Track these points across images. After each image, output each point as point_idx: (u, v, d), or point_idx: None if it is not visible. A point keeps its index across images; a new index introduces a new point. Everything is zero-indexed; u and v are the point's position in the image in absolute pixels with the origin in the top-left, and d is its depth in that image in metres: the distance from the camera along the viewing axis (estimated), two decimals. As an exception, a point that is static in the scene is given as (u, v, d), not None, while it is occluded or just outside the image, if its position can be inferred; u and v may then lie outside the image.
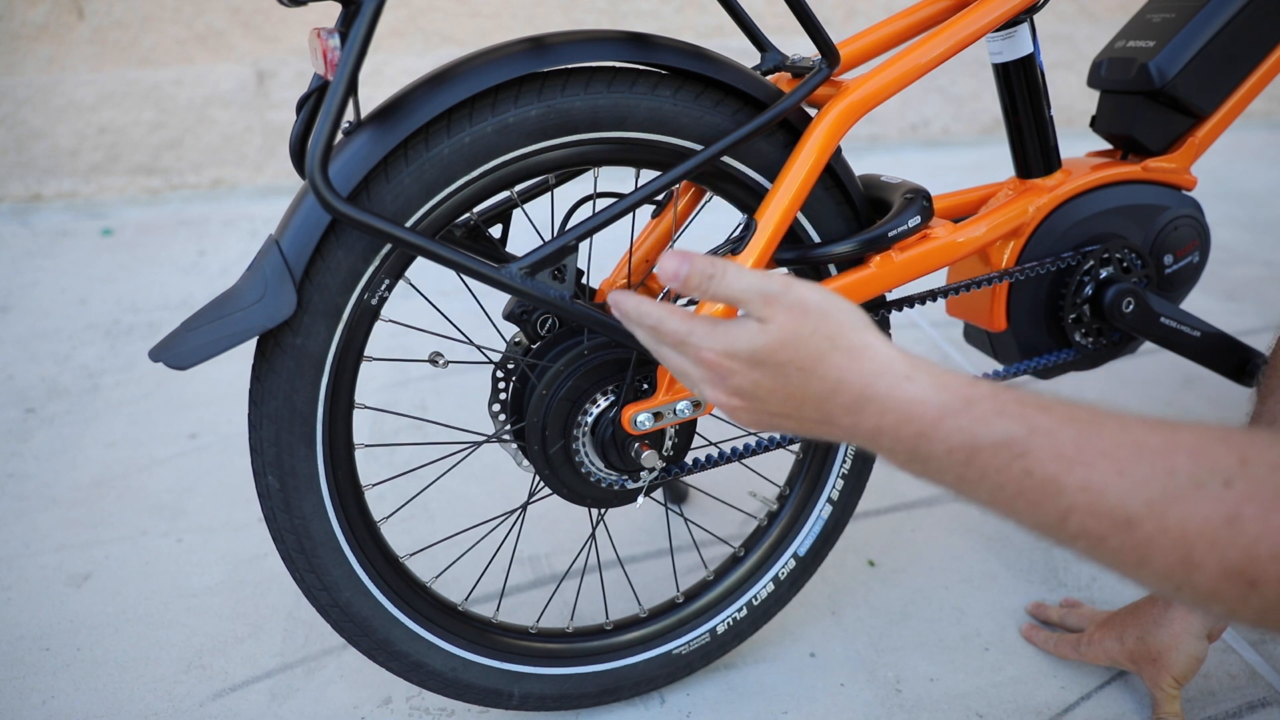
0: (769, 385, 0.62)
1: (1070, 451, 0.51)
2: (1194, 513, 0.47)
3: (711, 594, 1.08)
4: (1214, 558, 0.46)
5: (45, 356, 1.98)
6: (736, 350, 0.62)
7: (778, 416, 0.64)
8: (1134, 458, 0.50)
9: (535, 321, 0.93)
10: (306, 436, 0.85)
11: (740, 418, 0.65)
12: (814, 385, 0.60)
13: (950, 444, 0.55)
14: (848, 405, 0.60)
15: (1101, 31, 3.50)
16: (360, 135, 0.80)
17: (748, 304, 0.63)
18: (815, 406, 0.61)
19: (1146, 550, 0.49)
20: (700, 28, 3.28)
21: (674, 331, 0.66)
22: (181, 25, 3.00)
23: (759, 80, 0.89)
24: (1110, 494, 0.49)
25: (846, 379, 0.59)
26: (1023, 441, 0.53)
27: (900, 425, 0.58)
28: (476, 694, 0.99)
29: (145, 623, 1.22)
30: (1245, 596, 0.46)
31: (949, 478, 0.57)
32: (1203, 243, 1.13)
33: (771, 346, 0.61)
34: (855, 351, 0.60)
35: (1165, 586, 0.49)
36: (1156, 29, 1.10)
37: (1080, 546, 0.52)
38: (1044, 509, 0.52)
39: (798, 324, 0.61)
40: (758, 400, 0.63)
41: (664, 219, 1.04)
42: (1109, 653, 1.05)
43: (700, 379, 0.66)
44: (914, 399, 0.57)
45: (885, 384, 0.58)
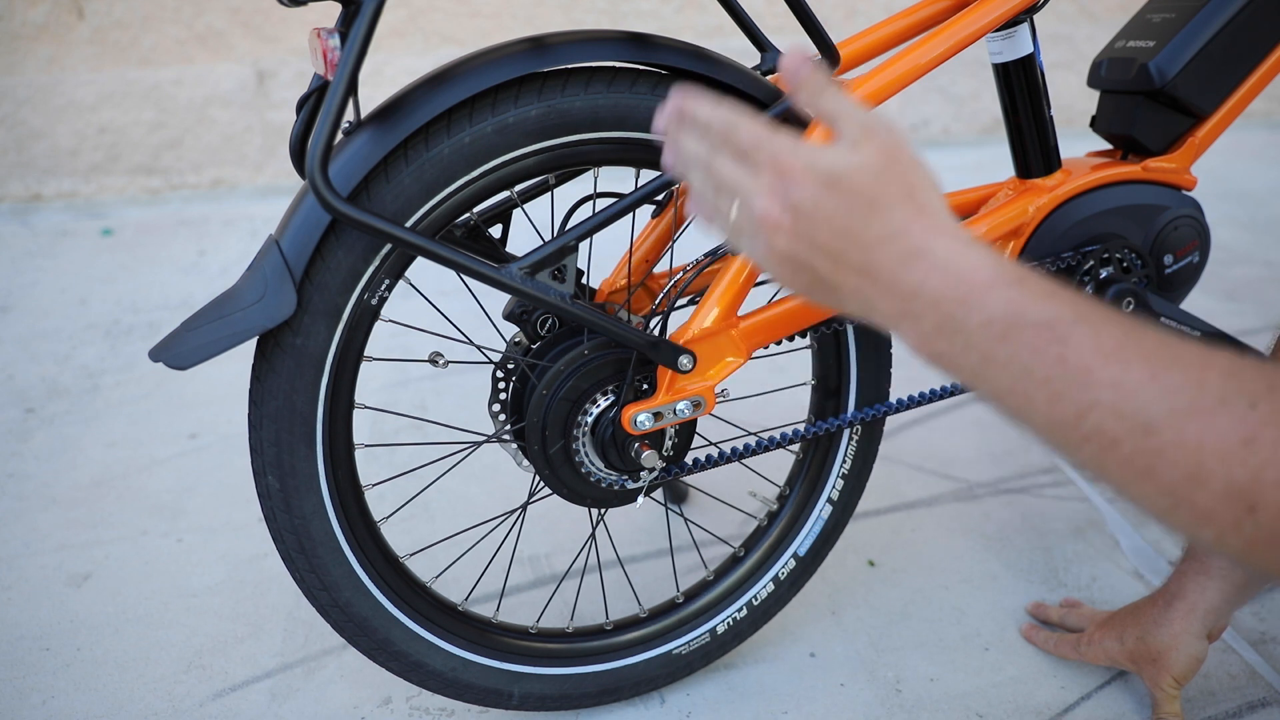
0: (829, 211, 0.59)
1: (1110, 347, 0.51)
2: (1213, 427, 0.47)
3: (711, 594, 1.08)
4: (1221, 475, 0.46)
5: (45, 356, 1.98)
6: (817, 164, 0.59)
7: (815, 250, 0.60)
8: (1169, 366, 0.49)
9: (535, 321, 0.93)
10: (306, 436, 0.85)
11: (777, 242, 0.61)
12: (874, 226, 0.58)
13: (990, 315, 0.54)
14: (898, 255, 0.58)
15: (1101, 31, 3.50)
16: (360, 135, 0.80)
17: (846, 126, 0.61)
18: (863, 250, 0.59)
19: (1157, 460, 0.48)
20: (700, 28, 3.28)
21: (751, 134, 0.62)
22: (181, 25, 3.00)
23: (759, 80, 0.89)
24: (1139, 396, 0.49)
25: (910, 230, 0.58)
26: (1067, 326, 0.52)
27: (946, 287, 0.56)
28: (476, 694, 0.99)
29: (145, 623, 1.22)
30: (1239, 522, 0.46)
31: (972, 357, 0.55)
32: (1203, 243, 1.13)
33: (855, 172, 0.59)
34: (926, 210, 0.59)
35: (1162, 503, 0.49)
36: (1156, 29, 1.10)
37: (1086, 450, 0.51)
38: (1065, 402, 0.51)
39: (887, 163, 0.59)
40: (808, 223, 0.60)
41: (664, 219, 1.04)
42: (1109, 653, 1.05)
43: (757, 189, 0.61)
44: (970, 263, 0.56)
45: (945, 244, 0.57)
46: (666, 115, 0.68)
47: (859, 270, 0.59)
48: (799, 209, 0.60)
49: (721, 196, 0.65)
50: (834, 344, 1.03)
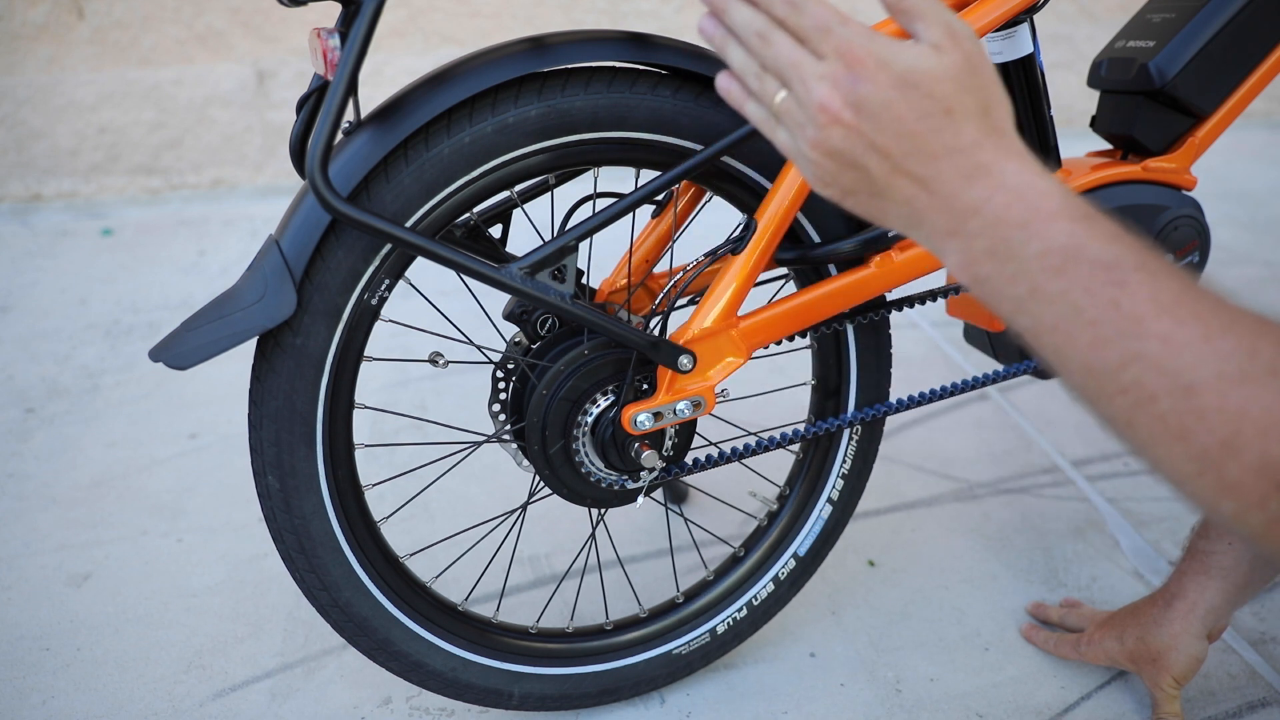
0: (900, 111, 0.54)
1: (1167, 300, 0.49)
2: (1258, 397, 0.46)
3: (711, 594, 1.08)
4: (1257, 447, 0.45)
5: (45, 356, 1.98)
6: (894, 59, 0.55)
7: (873, 151, 0.56)
8: (1224, 329, 0.48)
9: (535, 321, 0.93)
10: (306, 436, 0.85)
11: (831, 136, 0.56)
12: (946, 134, 0.55)
13: (1050, 245, 0.52)
14: (965, 169, 0.54)
15: (1101, 31, 3.50)
16: (360, 135, 0.80)
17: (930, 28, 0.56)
18: (927, 158, 0.55)
19: (1194, 422, 0.47)
20: (700, 28, 3.28)
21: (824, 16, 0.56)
22: (181, 25, 3.00)
23: (759, 80, 0.89)
24: (1187, 354, 0.48)
25: (981, 145, 0.55)
26: (1127, 271, 0.50)
27: (1008, 207, 0.53)
28: (476, 694, 0.99)
29: (145, 623, 1.22)
30: (1265, 498, 0.45)
31: (1020, 287, 0.52)
32: (1203, 243, 1.13)
33: (935, 75, 0.54)
34: (1000, 129, 0.56)
35: (1190, 468, 0.48)
36: (1156, 29, 1.10)
37: (1119, 402, 0.50)
38: (1110, 348, 0.49)
39: (969, 71, 0.55)
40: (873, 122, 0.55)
41: (664, 219, 1.04)
42: (1109, 653, 1.05)
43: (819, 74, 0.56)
44: (1039, 188, 0.53)
45: (1015, 166, 0.54)
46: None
47: (918, 179, 0.55)
48: (865, 105, 0.55)
49: (767, 79, 0.59)
50: (834, 344, 1.03)
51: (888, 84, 0.54)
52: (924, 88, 0.54)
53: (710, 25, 0.62)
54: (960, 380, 1.08)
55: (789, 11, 0.57)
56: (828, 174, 0.58)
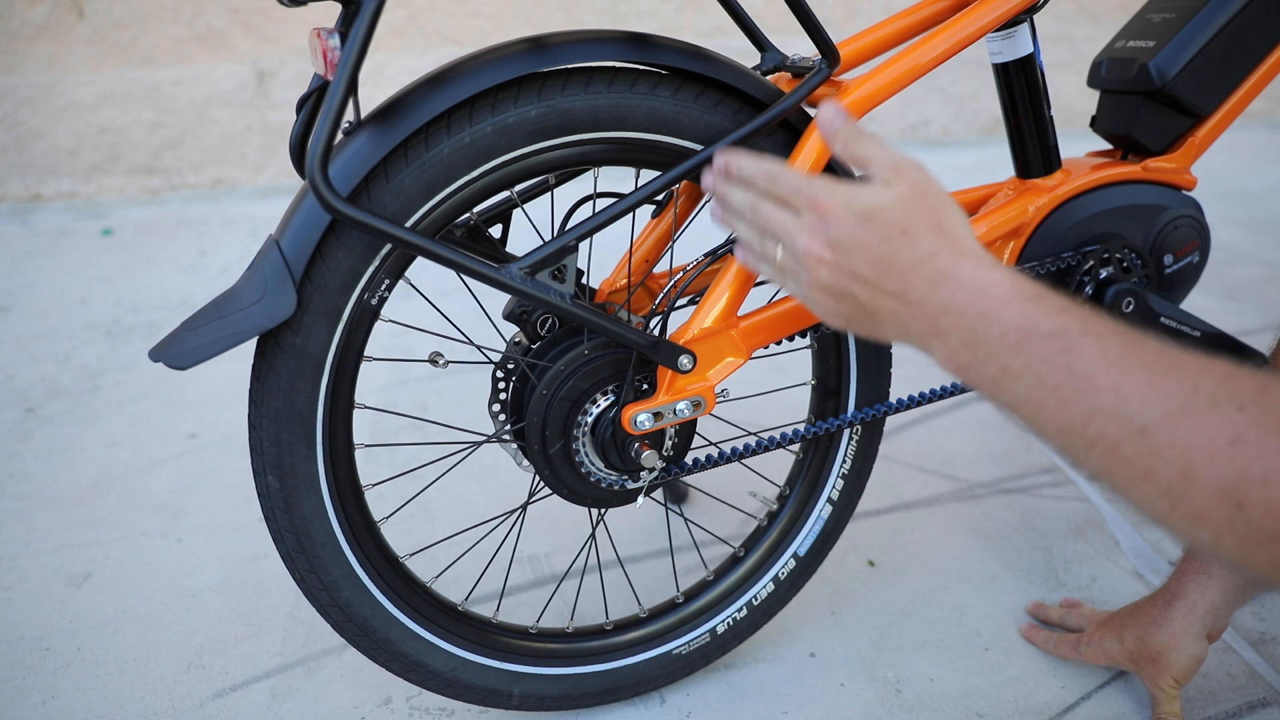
0: (865, 242, 0.65)
1: (1113, 355, 0.55)
2: (1202, 427, 0.50)
3: (711, 594, 1.08)
4: (1210, 475, 0.49)
5: (45, 356, 1.98)
6: (853, 202, 0.66)
7: (855, 280, 0.66)
8: (1166, 373, 0.53)
9: (535, 321, 0.93)
10: (306, 436, 0.85)
11: (819, 275, 0.68)
12: (907, 252, 0.64)
13: (1008, 327, 0.59)
14: (929, 277, 0.63)
15: (1101, 31, 3.50)
16: (360, 135, 0.80)
17: (878, 166, 0.68)
18: (899, 275, 0.64)
19: (1153, 461, 0.51)
20: (700, 28, 3.28)
21: (795, 180, 0.70)
22: (181, 25, 3.00)
23: (759, 80, 0.89)
24: (1135, 400, 0.53)
25: (939, 253, 0.64)
26: (1075, 337, 0.57)
27: (970, 302, 0.61)
28: (476, 694, 0.99)
29: (145, 623, 1.22)
30: (1231, 520, 0.48)
31: (992, 369, 0.60)
32: (1203, 243, 1.13)
33: (888, 206, 0.65)
34: (954, 238, 0.65)
35: (1162, 505, 0.52)
36: (1156, 29, 1.10)
37: (1094, 455, 0.55)
38: (1072, 408, 0.55)
39: (916, 197, 0.66)
40: (847, 256, 0.66)
41: (664, 219, 1.04)
42: (1109, 653, 1.05)
43: (799, 228, 0.68)
44: (991, 280, 0.62)
45: (970, 265, 0.63)
46: (713, 173, 0.76)
47: (895, 294, 0.65)
48: (838, 243, 0.66)
49: (767, 241, 0.72)
50: (834, 344, 1.03)
51: (852, 222, 0.65)
52: (880, 217, 0.65)
53: (718, 210, 0.77)
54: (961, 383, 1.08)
55: (769, 183, 0.71)
56: (828, 308, 0.69)
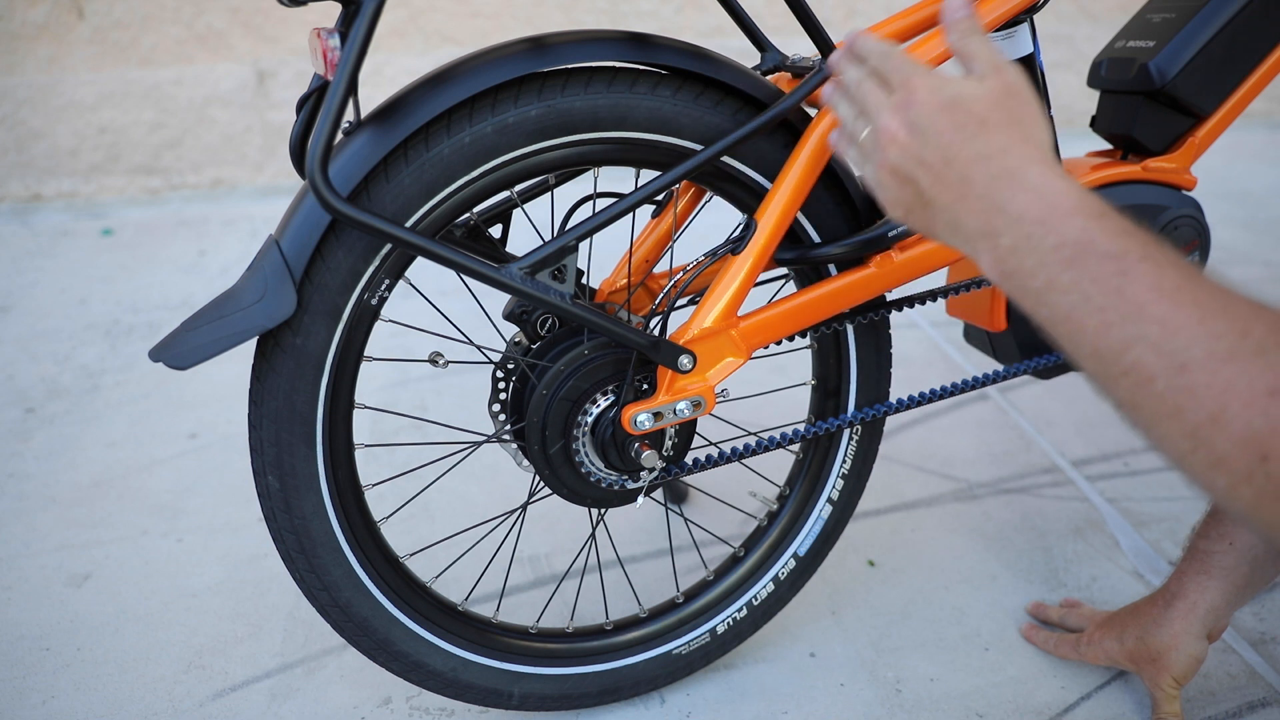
0: (942, 128, 0.65)
1: (1167, 287, 0.54)
2: (1244, 373, 0.49)
3: (711, 594, 1.08)
4: (1242, 420, 0.48)
5: (45, 356, 1.98)
6: (943, 88, 0.66)
7: (922, 165, 0.66)
8: (1217, 313, 0.52)
9: (535, 321, 0.93)
10: (306, 436, 0.85)
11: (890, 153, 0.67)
12: (978, 144, 0.64)
13: (1065, 238, 0.58)
14: (995, 172, 0.63)
15: (1101, 31, 3.50)
16: (360, 135, 0.80)
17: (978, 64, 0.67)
18: (965, 164, 0.64)
19: (1186, 399, 0.50)
20: (700, 28, 3.28)
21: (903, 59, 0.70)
22: (181, 25, 3.00)
23: (759, 80, 0.89)
24: (1182, 335, 0.52)
25: (1011, 151, 0.63)
26: (1133, 261, 0.55)
27: (1030, 205, 0.60)
28: (476, 694, 0.99)
29: (145, 623, 1.22)
30: (1251, 470, 0.48)
31: (1038, 280, 0.59)
32: (1203, 243, 1.13)
33: (974, 96, 0.65)
34: (1032, 140, 0.64)
35: (1185, 445, 0.51)
36: (1156, 29, 1.10)
37: (1126, 385, 0.54)
38: (1114, 332, 0.54)
39: (1005, 96, 0.65)
40: (921, 138, 0.66)
41: (664, 219, 1.04)
42: (1109, 653, 1.05)
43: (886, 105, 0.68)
44: (1057, 189, 0.60)
45: (1040, 169, 0.62)
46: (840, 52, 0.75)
47: (955, 186, 0.64)
48: (915, 124, 0.66)
49: (859, 120, 0.71)
50: (834, 344, 1.03)
51: (935, 106, 0.65)
52: (964, 106, 0.64)
53: (828, 88, 0.77)
54: (960, 380, 1.08)
55: (881, 61, 0.70)
56: (892, 194, 0.69)
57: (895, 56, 0.70)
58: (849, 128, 0.73)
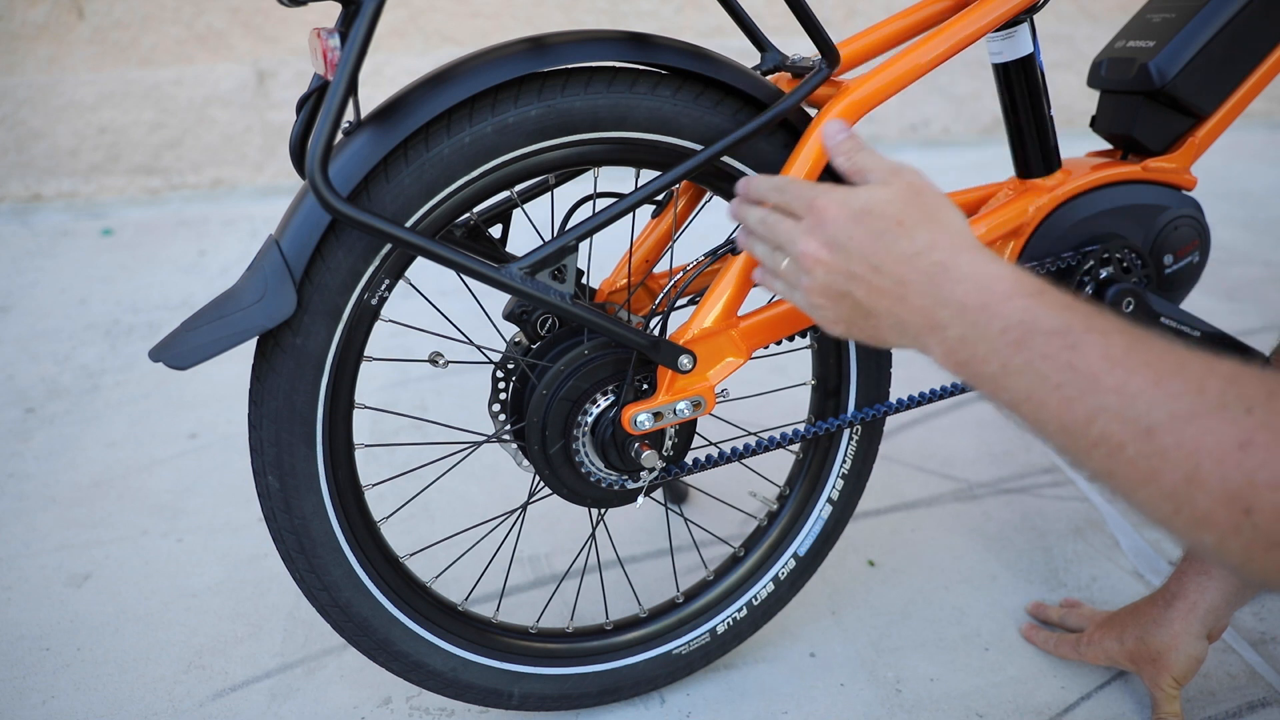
0: (861, 238, 0.66)
1: (1118, 354, 0.54)
2: (1211, 430, 0.49)
3: (711, 594, 1.08)
4: (1218, 478, 0.48)
5: (45, 356, 1.98)
6: (850, 200, 0.67)
7: (853, 279, 0.67)
8: (1172, 373, 0.52)
9: (535, 321, 0.93)
10: (306, 436, 0.85)
11: (817, 276, 0.68)
12: (903, 243, 0.64)
13: (1009, 322, 0.58)
14: (927, 269, 0.63)
15: (1101, 31, 3.50)
16: (360, 135, 0.80)
17: (875, 173, 0.70)
18: (895, 267, 0.64)
19: (1159, 463, 0.50)
20: (700, 28, 3.28)
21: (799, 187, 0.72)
22: (181, 25, 3.00)
23: (759, 80, 0.89)
24: (1141, 400, 0.52)
25: (936, 244, 0.64)
26: (1078, 334, 0.56)
27: (969, 294, 0.61)
28: (476, 694, 0.99)
29: (145, 623, 1.22)
30: (1238, 524, 0.48)
31: (992, 365, 0.59)
32: (1203, 243, 1.13)
33: (883, 200, 0.66)
34: (951, 229, 0.65)
35: (1165, 507, 0.51)
36: (1156, 29, 1.10)
37: (1097, 456, 0.54)
38: (1075, 407, 0.54)
39: (912, 193, 0.67)
40: (844, 254, 0.67)
41: (664, 219, 1.04)
42: (1109, 653, 1.05)
43: (800, 231, 0.70)
44: (992, 274, 0.61)
45: (969, 257, 0.63)
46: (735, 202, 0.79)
47: (892, 289, 0.65)
48: (834, 241, 0.67)
49: (776, 254, 0.73)
50: (834, 344, 1.03)
51: (848, 218, 0.67)
52: (876, 212, 0.66)
53: (741, 234, 0.79)
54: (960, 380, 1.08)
55: (779, 196, 0.73)
56: (829, 313, 0.70)
57: (789, 187, 0.72)
58: (768, 264, 0.75)
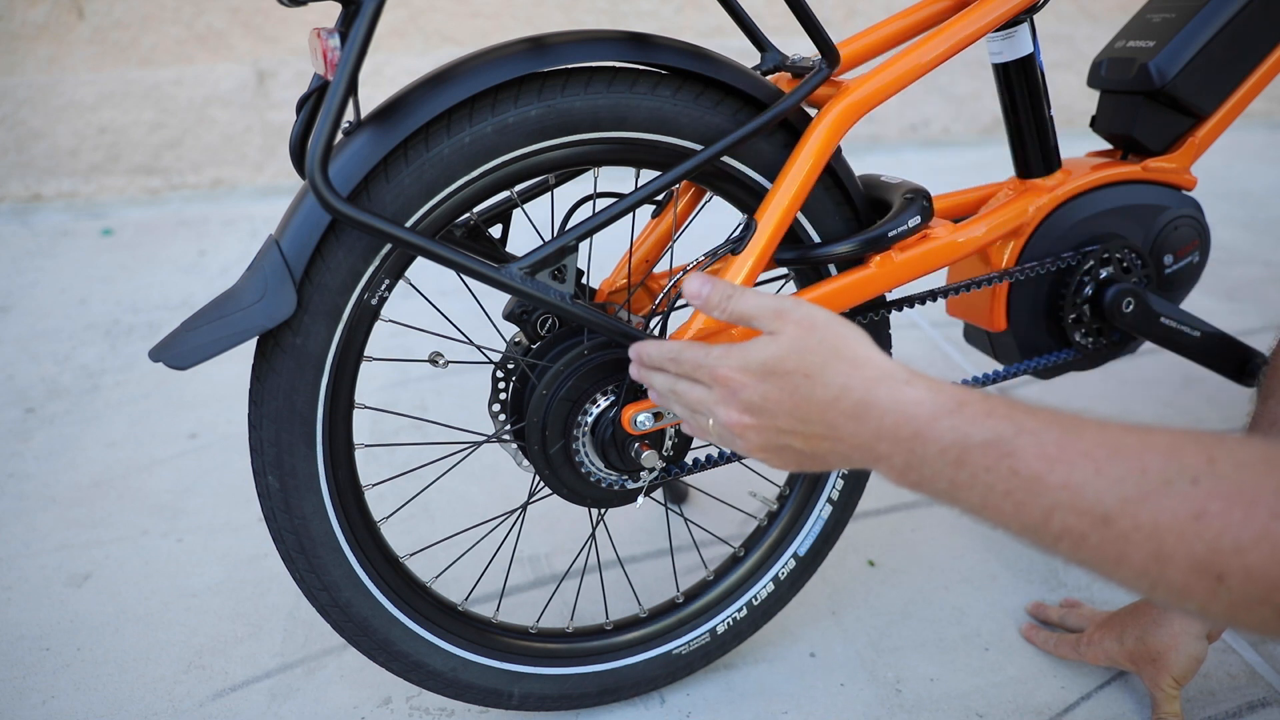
0: (777, 396, 0.66)
1: (1053, 451, 0.54)
2: (1163, 508, 0.50)
3: (711, 594, 1.08)
4: (1183, 552, 0.49)
5: (45, 356, 1.98)
6: (749, 362, 0.67)
7: (785, 433, 0.67)
8: (1110, 457, 0.52)
9: (535, 321, 0.93)
10: (306, 436, 0.85)
11: (750, 439, 0.69)
12: (818, 392, 0.64)
13: (943, 444, 0.58)
14: (850, 410, 0.63)
15: (1101, 31, 3.50)
16: (360, 135, 0.80)
17: (760, 319, 0.69)
18: (820, 415, 0.64)
19: (1123, 546, 0.51)
20: (700, 28, 3.28)
21: (693, 356, 0.72)
22: (181, 25, 3.00)
23: (759, 80, 0.89)
24: (1088, 491, 0.52)
25: (850, 385, 0.63)
26: (1010, 440, 0.56)
27: (899, 426, 0.60)
28: (476, 694, 0.99)
29: (145, 623, 1.22)
30: (1214, 591, 0.48)
31: (942, 484, 0.59)
32: (1203, 243, 1.13)
33: (781, 354, 0.66)
34: (858, 361, 0.64)
35: (1142, 584, 0.51)
36: (1156, 29, 1.10)
37: (1064, 548, 0.54)
38: (1029, 509, 0.55)
39: (805, 334, 0.66)
40: (766, 414, 0.67)
41: (664, 219, 1.04)
42: (1109, 653, 1.05)
43: (714, 401, 0.70)
44: (912, 400, 0.61)
45: (886, 389, 0.62)
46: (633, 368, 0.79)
47: (825, 433, 0.65)
48: (752, 405, 0.67)
49: (698, 415, 0.73)
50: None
51: (757, 382, 0.67)
52: (780, 368, 0.66)
53: (653, 394, 0.78)
54: (960, 380, 1.08)
55: (674, 366, 0.74)
56: (776, 461, 0.70)
57: (683, 356, 0.72)
58: (692, 425, 0.75)
